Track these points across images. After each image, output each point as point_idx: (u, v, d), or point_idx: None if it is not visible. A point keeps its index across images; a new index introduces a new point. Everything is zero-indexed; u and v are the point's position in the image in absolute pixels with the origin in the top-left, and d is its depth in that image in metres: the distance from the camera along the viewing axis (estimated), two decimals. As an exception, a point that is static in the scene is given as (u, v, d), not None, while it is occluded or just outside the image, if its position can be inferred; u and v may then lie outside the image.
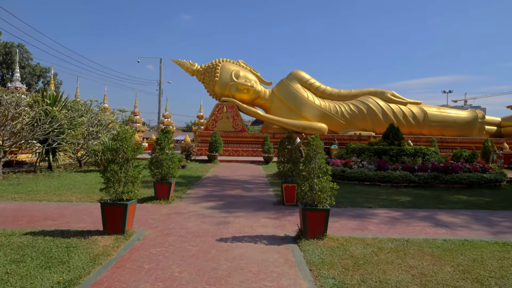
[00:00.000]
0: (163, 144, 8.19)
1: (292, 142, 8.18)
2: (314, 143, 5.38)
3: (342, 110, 24.95)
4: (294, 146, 8.16)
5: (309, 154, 5.43)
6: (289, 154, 8.11)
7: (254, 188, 10.64)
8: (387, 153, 13.66)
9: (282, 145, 8.29)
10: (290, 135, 8.27)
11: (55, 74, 61.38)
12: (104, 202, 5.21)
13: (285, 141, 8.23)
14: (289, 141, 8.18)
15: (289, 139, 8.20)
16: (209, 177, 13.32)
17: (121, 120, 18.00)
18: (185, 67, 25.68)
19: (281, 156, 8.22)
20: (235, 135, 24.31)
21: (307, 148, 5.49)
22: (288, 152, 8.10)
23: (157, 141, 8.23)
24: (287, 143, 8.18)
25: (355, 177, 11.72)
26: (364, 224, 6.46)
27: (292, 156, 8.08)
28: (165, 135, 8.30)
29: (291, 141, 8.18)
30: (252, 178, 13.18)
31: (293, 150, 8.12)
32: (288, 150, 8.11)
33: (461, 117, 25.01)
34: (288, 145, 8.16)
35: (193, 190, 9.98)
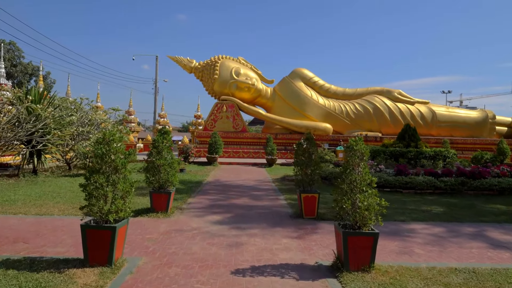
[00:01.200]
0: (161, 147, 6.99)
1: (313, 144, 7.02)
2: (358, 147, 4.21)
3: (347, 109, 23.85)
4: (314, 149, 7.00)
5: (350, 162, 4.26)
6: (309, 158, 6.94)
7: (263, 196, 9.47)
8: (405, 156, 12.55)
9: (300, 147, 7.11)
10: (309, 136, 7.10)
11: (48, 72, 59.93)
12: (85, 225, 4.00)
13: (304, 142, 7.06)
14: (309, 143, 7.02)
15: (309, 140, 7.03)
16: (211, 182, 12.13)
17: (114, 119, 16.73)
18: (182, 64, 24.43)
19: (299, 161, 7.04)
20: (235, 135, 23.11)
21: (347, 154, 4.33)
22: (308, 157, 6.93)
23: (154, 143, 7.03)
24: (307, 145, 7.01)
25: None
26: (407, 245, 5.32)
27: (312, 161, 6.92)
28: (162, 136, 7.10)
29: (311, 142, 7.02)
30: (258, 183, 12.00)
31: (314, 154, 6.96)
32: (308, 154, 6.95)
33: (471, 117, 24.01)
34: (308, 148, 7.00)
35: (195, 199, 8.78)
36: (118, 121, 16.63)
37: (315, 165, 6.92)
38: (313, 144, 7.04)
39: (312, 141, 7.06)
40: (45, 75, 59.58)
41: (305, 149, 7.03)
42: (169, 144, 7.23)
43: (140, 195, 8.79)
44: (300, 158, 7.03)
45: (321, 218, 6.83)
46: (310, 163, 6.93)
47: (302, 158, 7.01)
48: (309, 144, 7.04)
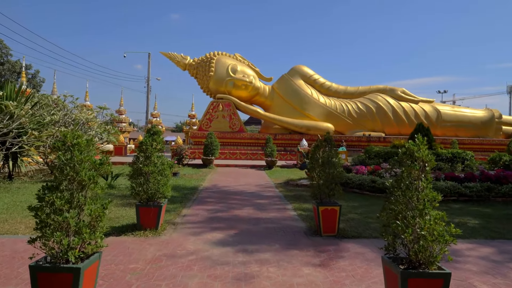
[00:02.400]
0: (150, 150, 5.79)
1: (332, 146, 5.88)
2: (421, 154, 3.08)
3: (349, 108, 22.80)
4: (334, 152, 5.86)
5: (407, 174, 3.13)
6: (328, 163, 5.80)
7: (268, 205, 8.30)
8: (420, 158, 11.47)
9: (317, 150, 5.97)
10: (328, 137, 5.95)
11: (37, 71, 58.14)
12: (35, 266, 2.81)
13: (323, 144, 5.92)
14: (328, 144, 5.88)
15: (328, 141, 5.90)
16: (208, 187, 10.94)
17: (102, 118, 15.46)
18: (176, 61, 23.19)
19: (316, 166, 5.89)
20: (232, 136, 21.93)
21: (403, 162, 3.20)
22: (327, 162, 5.79)
23: (141, 146, 5.83)
24: (326, 148, 5.87)
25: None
26: (462, 275, 4.19)
27: (332, 167, 5.78)
28: (152, 137, 5.90)
29: (331, 144, 5.88)
30: (260, 189, 10.84)
31: (334, 158, 5.83)
32: (327, 158, 5.80)
33: (477, 116, 23.10)
34: (326, 150, 5.86)
35: (190, 210, 7.60)
36: (106, 120, 15.35)
37: (335, 172, 5.78)
38: (333, 146, 5.90)
39: (332, 143, 5.92)
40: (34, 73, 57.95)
41: (324, 152, 5.89)
42: (160, 146, 6.04)
43: (127, 205, 7.60)
44: (317, 163, 5.89)
45: (342, 236, 5.69)
46: (329, 169, 5.79)
47: (319, 163, 5.87)
48: (328, 146, 5.90)
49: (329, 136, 5.97)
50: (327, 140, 5.93)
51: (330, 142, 5.90)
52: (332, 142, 5.92)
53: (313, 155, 6.11)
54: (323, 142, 5.95)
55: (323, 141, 5.94)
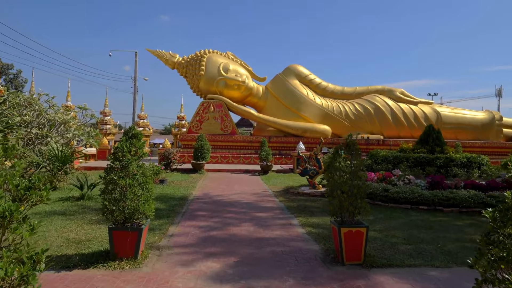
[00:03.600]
0: (128, 158, 4.56)
1: (357, 154, 4.74)
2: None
3: (346, 110, 21.81)
4: (358, 161, 4.73)
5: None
6: (352, 174, 4.66)
7: (270, 220, 7.13)
8: (432, 164, 10.47)
9: (338, 158, 4.82)
10: (352, 141, 4.81)
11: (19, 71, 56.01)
12: None
13: (344, 151, 4.78)
14: (351, 151, 4.74)
15: (351, 147, 4.76)
16: (199, 197, 9.72)
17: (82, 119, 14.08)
18: (164, 59, 21.88)
19: (337, 179, 4.74)
20: (224, 138, 20.70)
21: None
22: (351, 172, 4.65)
23: (116, 153, 4.59)
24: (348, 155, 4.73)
25: (405, 198, 8.39)
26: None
27: (356, 179, 4.64)
28: (130, 141, 4.68)
29: (355, 151, 4.74)
30: (258, 199, 9.67)
31: (359, 168, 4.69)
32: (350, 168, 4.66)
33: (477, 118, 22.37)
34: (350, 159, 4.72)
35: (179, 227, 6.37)
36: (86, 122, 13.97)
37: (361, 184, 4.64)
38: (357, 153, 4.76)
39: (355, 148, 4.78)
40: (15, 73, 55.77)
41: (345, 160, 4.75)
42: (140, 152, 4.81)
43: (103, 222, 6.32)
44: (338, 174, 4.74)
45: (370, 265, 4.55)
46: (353, 181, 4.65)
47: (341, 174, 4.72)
48: (351, 154, 4.76)
49: (352, 140, 4.82)
50: (349, 145, 4.78)
51: (354, 148, 4.75)
52: (355, 148, 4.78)
53: (331, 163, 4.96)
54: (344, 148, 4.80)
55: (345, 147, 4.80)
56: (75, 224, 6.32)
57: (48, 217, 6.82)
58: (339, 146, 4.89)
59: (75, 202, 8.44)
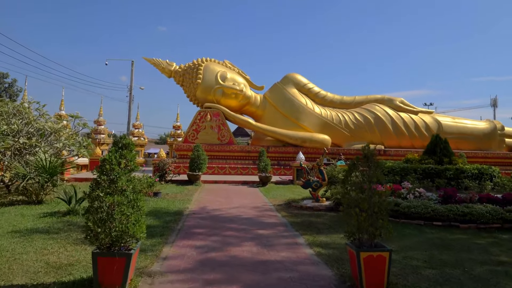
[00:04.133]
0: (116, 172, 3.98)
1: (376, 166, 4.19)
2: None
3: (346, 119, 21.36)
4: (379, 174, 4.18)
5: None
6: (371, 190, 4.10)
7: (273, 239, 6.53)
8: (442, 175, 9.96)
9: (354, 171, 4.27)
10: (370, 152, 4.26)
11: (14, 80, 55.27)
12: None
13: (361, 164, 4.23)
14: (369, 163, 4.19)
15: (369, 159, 4.21)
16: (195, 212, 9.09)
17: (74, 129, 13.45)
18: (161, 67, 21.40)
19: (355, 195, 4.18)
20: (221, 148, 20.11)
21: None
22: (370, 188, 4.09)
23: (103, 166, 4.00)
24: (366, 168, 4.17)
25: (418, 213, 7.82)
26: None
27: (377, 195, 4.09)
28: (119, 152, 4.09)
29: (374, 164, 4.19)
30: (259, 213, 9.06)
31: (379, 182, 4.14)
32: (369, 182, 4.11)
33: (479, 128, 22.01)
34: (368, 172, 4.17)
35: (174, 248, 5.74)
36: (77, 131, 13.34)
37: (382, 202, 4.09)
38: (377, 166, 4.21)
39: (374, 161, 4.23)
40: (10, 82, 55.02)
41: (363, 173, 4.20)
42: (132, 166, 4.22)
43: (80, 243, 5.67)
44: (356, 190, 4.17)
45: (394, 295, 3.97)
46: (372, 197, 4.09)
47: (359, 191, 4.16)
48: (369, 166, 4.21)
49: (370, 151, 4.27)
50: (367, 157, 4.23)
51: (372, 160, 4.20)
52: (374, 160, 4.23)
53: (346, 178, 4.40)
54: (362, 160, 4.25)
55: (362, 159, 4.25)
56: (58, 245, 5.68)
57: (29, 236, 6.18)
58: (357, 158, 4.34)
59: (61, 218, 7.78)
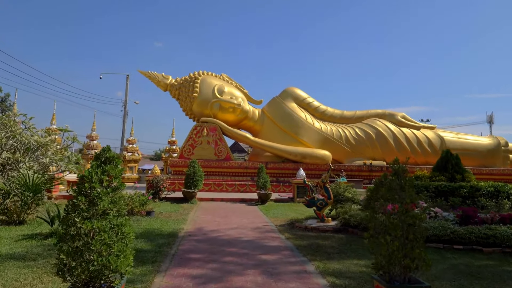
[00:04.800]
0: (97, 191, 3.28)
1: (408, 185, 3.53)
2: None
3: (346, 134, 20.81)
4: (411, 194, 3.51)
5: None
6: (403, 214, 3.43)
7: (279, 266, 5.78)
8: (456, 193, 9.32)
9: (381, 191, 3.60)
10: (400, 169, 3.60)
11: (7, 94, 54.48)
12: None
13: (391, 181, 3.57)
14: (400, 181, 3.53)
15: (400, 176, 3.55)
16: (191, 233, 8.33)
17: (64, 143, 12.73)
18: (156, 81, 20.87)
19: (385, 219, 3.50)
20: (217, 164, 19.39)
21: None
22: (402, 211, 3.42)
23: (82, 184, 3.30)
24: (396, 186, 3.51)
25: (436, 236, 7.13)
26: None
27: (410, 219, 3.41)
28: (101, 167, 3.41)
29: (406, 183, 3.53)
30: (260, 235, 8.31)
31: (412, 204, 3.47)
32: (401, 204, 3.44)
33: (483, 144, 21.53)
34: (399, 192, 3.50)
35: (166, 278, 4.98)
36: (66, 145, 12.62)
37: (417, 228, 3.41)
38: (410, 184, 3.55)
39: (405, 179, 3.57)
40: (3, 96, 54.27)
41: (393, 194, 3.53)
42: (117, 184, 3.53)
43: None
44: (386, 214, 3.50)
45: None
46: (405, 223, 3.42)
47: (389, 214, 3.48)
48: (400, 185, 3.55)
49: (399, 167, 3.62)
50: (398, 173, 3.58)
51: (403, 177, 3.55)
52: (404, 177, 3.58)
53: (372, 197, 3.73)
54: (390, 178, 3.60)
55: (390, 176, 3.59)
56: (33, 275, 4.90)
57: (1, 263, 5.40)
58: (384, 175, 3.68)
59: (42, 241, 7.00)
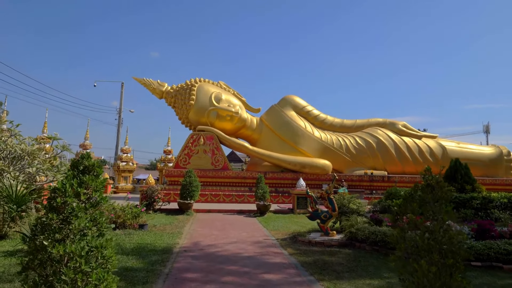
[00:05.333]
0: (71, 208, 2.70)
1: (444, 196, 2.99)
2: None
3: (346, 143, 20.33)
4: (450, 212, 2.97)
5: None
6: (440, 234, 2.88)
7: (285, 287, 5.19)
8: (468, 205, 8.79)
9: (412, 205, 3.06)
10: (437, 181, 3.07)
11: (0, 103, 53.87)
12: None
13: (424, 197, 3.03)
14: (435, 194, 2.99)
15: (435, 189, 3.02)
16: (187, 248, 7.70)
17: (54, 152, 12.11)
18: (152, 88, 20.34)
19: (418, 239, 2.95)
20: (214, 174, 18.78)
21: None
22: (442, 231, 2.88)
23: (53, 199, 2.73)
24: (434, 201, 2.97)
25: (452, 251, 6.56)
26: None
27: (446, 236, 2.86)
28: (79, 178, 2.84)
29: (443, 195, 2.99)
30: (261, 250, 7.71)
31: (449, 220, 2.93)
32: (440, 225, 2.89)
33: (485, 154, 21.13)
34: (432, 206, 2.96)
35: (158, 305, 4.38)
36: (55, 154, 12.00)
37: (455, 248, 2.86)
38: (446, 196, 3.02)
39: (442, 191, 3.04)
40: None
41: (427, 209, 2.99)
42: (98, 198, 2.96)
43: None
44: (419, 233, 2.95)
45: None
46: (442, 244, 2.87)
47: (422, 233, 2.93)
48: (435, 199, 3.01)
49: (435, 178, 3.08)
50: (431, 185, 3.04)
51: (440, 191, 3.01)
52: (441, 189, 3.04)
53: (400, 214, 3.19)
54: (425, 190, 3.06)
55: (425, 187, 3.06)
56: (5, 301, 4.28)
57: (-29, 286, 4.77)
58: (415, 186, 3.15)
59: (22, 258, 6.34)
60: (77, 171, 2.91)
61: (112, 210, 9.76)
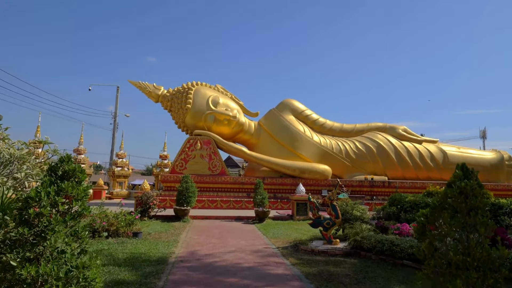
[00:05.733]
0: (46, 220, 2.29)
1: (481, 205, 2.61)
2: None
3: (346, 148, 19.98)
4: (487, 223, 2.58)
5: None
6: (478, 251, 2.49)
7: (290, 303, 4.77)
8: (477, 212, 8.39)
9: (442, 213, 2.67)
10: (471, 187, 2.69)
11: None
12: None
13: (457, 206, 2.65)
14: (469, 205, 2.61)
15: (469, 195, 2.63)
16: (183, 258, 7.26)
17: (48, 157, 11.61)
18: (147, 91, 19.94)
19: (454, 254, 2.56)
20: (212, 180, 18.34)
21: None
22: (478, 248, 2.48)
23: (24, 209, 2.31)
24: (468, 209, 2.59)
25: (465, 262, 6.17)
26: None
27: (479, 248, 2.47)
28: (57, 185, 2.42)
29: (479, 204, 2.61)
30: (262, 260, 7.28)
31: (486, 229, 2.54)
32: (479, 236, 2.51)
33: (486, 159, 20.85)
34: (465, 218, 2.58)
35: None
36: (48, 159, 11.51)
37: (499, 266, 2.48)
38: (482, 206, 2.64)
39: (475, 200, 2.66)
40: (-11, 110, 52.92)
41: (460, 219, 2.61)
42: (80, 209, 2.54)
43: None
44: (454, 247, 2.56)
45: None
46: (480, 261, 2.48)
47: (455, 248, 2.55)
48: (470, 208, 2.63)
49: (469, 184, 2.70)
50: (464, 193, 2.66)
51: (475, 197, 2.63)
52: (476, 197, 2.66)
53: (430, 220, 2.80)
54: (457, 197, 2.68)
55: (458, 195, 2.68)
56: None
57: None
58: (445, 192, 2.77)
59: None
60: (54, 176, 2.50)
61: (105, 218, 9.31)
